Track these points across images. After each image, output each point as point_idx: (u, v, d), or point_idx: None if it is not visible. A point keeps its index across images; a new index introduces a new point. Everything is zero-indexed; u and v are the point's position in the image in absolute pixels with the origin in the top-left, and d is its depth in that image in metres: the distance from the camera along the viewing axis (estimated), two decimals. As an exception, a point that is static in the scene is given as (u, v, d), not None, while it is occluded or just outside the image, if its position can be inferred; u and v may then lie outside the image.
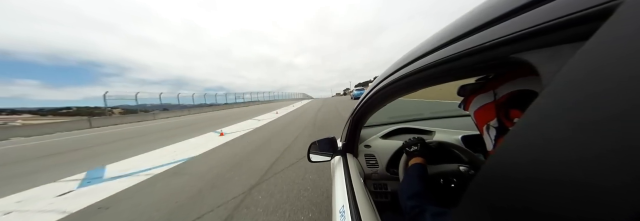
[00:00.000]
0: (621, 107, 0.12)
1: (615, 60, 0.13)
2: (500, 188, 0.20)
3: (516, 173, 0.18)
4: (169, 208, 2.10)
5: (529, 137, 0.18)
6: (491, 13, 0.25)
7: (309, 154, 1.10)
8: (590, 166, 0.13)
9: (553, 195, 0.15)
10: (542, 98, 0.17)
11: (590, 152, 0.13)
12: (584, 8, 0.17)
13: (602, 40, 0.14)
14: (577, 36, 0.18)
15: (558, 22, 0.18)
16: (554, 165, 0.15)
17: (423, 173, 0.65)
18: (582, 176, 0.13)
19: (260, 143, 4.61)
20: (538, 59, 0.21)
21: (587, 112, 0.14)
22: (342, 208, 0.68)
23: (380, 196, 0.94)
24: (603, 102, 0.13)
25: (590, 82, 0.14)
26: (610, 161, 0.12)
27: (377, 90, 0.61)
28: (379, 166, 1.03)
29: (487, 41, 0.25)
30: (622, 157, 0.12)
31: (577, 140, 0.14)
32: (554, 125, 0.16)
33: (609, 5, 0.15)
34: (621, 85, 0.12)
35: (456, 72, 0.36)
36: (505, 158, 0.20)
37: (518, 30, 0.22)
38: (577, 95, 0.15)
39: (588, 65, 0.15)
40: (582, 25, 0.17)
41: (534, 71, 0.21)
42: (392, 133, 1.30)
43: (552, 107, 0.16)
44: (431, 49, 0.37)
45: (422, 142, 0.78)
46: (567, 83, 0.16)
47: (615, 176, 0.12)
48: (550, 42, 0.20)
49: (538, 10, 0.20)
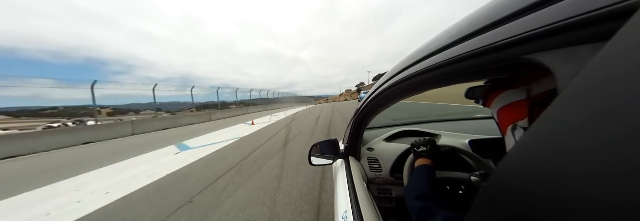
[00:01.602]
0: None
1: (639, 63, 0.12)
2: (511, 197, 0.19)
3: (528, 184, 0.17)
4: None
5: (542, 146, 0.17)
6: (502, 11, 0.24)
7: (310, 157, 1.08)
8: (608, 181, 0.12)
9: (566, 209, 0.14)
10: (559, 104, 0.16)
11: (609, 166, 0.12)
12: (603, 6, 0.16)
13: (624, 41, 0.13)
14: (596, 37, 0.17)
15: (574, 21, 0.17)
16: (567, 177, 0.14)
17: (431, 175, 0.62)
18: (597, 192, 0.12)
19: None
20: (553, 61, 0.20)
21: (609, 121, 0.13)
22: (344, 213, 0.67)
23: (385, 201, 0.92)
24: (628, 111, 0.12)
25: (613, 88, 0.13)
26: (632, 176, 0.11)
27: (381, 92, 0.60)
28: (383, 170, 1.01)
29: (497, 41, 0.24)
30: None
31: (595, 152, 0.13)
32: (571, 134, 0.15)
33: (631, 3, 0.14)
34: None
35: (464, 73, 0.35)
36: (517, 166, 0.19)
37: (531, 30, 0.21)
38: (598, 102, 0.14)
39: (610, 68, 0.14)
40: (601, 25, 0.16)
41: (548, 73, 0.20)
42: (396, 136, 1.27)
43: (569, 114, 0.15)
44: (438, 48, 0.36)
45: (433, 144, 0.75)
46: (587, 88, 0.15)
47: (637, 191, 0.11)
48: (566, 42, 0.19)
49: (553, 8, 0.19)
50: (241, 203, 2.04)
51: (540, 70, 0.21)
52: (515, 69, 0.36)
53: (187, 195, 2.32)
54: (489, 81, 0.52)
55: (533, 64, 0.22)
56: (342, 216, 0.67)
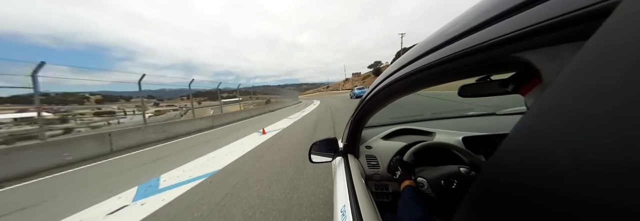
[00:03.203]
0: (625, 107, 0.12)
1: (618, 60, 0.13)
2: (500, 191, 0.19)
3: (516, 175, 0.18)
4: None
5: (530, 138, 0.17)
6: (490, 11, 0.25)
7: (310, 155, 1.10)
8: (591, 167, 0.13)
9: (550, 199, 0.15)
10: (544, 98, 0.17)
11: (591, 154, 0.13)
12: (582, 6, 0.16)
13: (603, 39, 0.14)
14: (577, 35, 0.18)
15: (556, 21, 0.18)
16: (554, 166, 0.15)
17: (416, 195, 0.65)
18: (582, 178, 0.13)
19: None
20: (539, 59, 0.21)
21: (591, 112, 0.14)
22: (343, 207, 0.68)
23: (382, 196, 0.94)
24: (607, 103, 0.13)
25: (594, 83, 0.14)
26: (611, 162, 0.12)
27: (378, 91, 0.61)
28: (380, 167, 1.03)
29: (487, 40, 0.25)
30: (623, 158, 0.11)
31: (578, 142, 0.14)
32: (556, 126, 0.15)
33: (608, 4, 0.15)
34: (625, 85, 0.12)
35: (457, 71, 0.36)
36: (506, 159, 0.19)
37: (517, 29, 0.21)
38: (580, 96, 0.14)
39: (590, 65, 0.14)
40: (581, 25, 0.17)
41: (535, 71, 0.21)
42: (393, 134, 1.30)
43: (554, 107, 0.16)
44: (431, 48, 0.37)
45: (401, 163, 0.81)
46: (570, 83, 0.15)
47: (617, 177, 0.11)
48: (550, 41, 0.20)
49: (536, 8, 0.20)
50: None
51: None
52: (506, 67, 0.37)
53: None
54: (480, 79, 0.54)
55: (521, 62, 0.23)
56: (341, 210, 0.69)
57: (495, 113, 1.51)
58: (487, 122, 1.46)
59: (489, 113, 1.54)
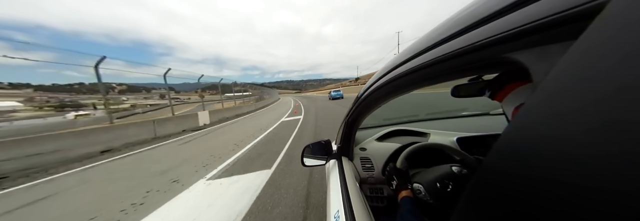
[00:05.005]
0: (616, 105, 0.12)
1: (605, 60, 0.13)
2: (493, 192, 0.19)
3: (510, 176, 0.18)
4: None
5: (521, 139, 0.17)
6: (482, 12, 0.25)
7: (303, 158, 1.07)
8: (582, 166, 0.13)
9: (546, 197, 0.15)
10: (535, 98, 0.17)
11: (582, 152, 0.13)
12: (571, 7, 0.17)
13: (591, 39, 0.14)
14: (566, 35, 0.18)
15: (546, 22, 0.18)
16: (545, 166, 0.15)
17: (414, 208, 0.65)
18: (573, 178, 0.13)
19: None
20: (529, 59, 0.21)
21: (579, 112, 0.14)
22: (336, 213, 0.67)
23: (376, 201, 0.93)
24: (597, 101, 0.13)
25: (582, 82, 0.14)
26: (600, 161, 0.12)
27: (371, 91, 0.61)
28: (375, 170, 1.02)
29: (478, 40, 0.25)
30: (617, 155, 0.11)
31: (569, 142, 0.14)
32: (547, 126, 0.15)
33: (596, 4, 0.15)
34: (612, 85, 0.12)
35: (450, 72, 0.36)
36: (499, 160, 0.19)
37: (508, 30, 0.21)
38: (569, 95, 0.14)
39: (578, 64, 0.14)
40: (570, 25, 0.17)
41: (526, 71, 0.21)
42: (387, 135, 1.29)
43: (545, 107, 0.16)
44: (423, 48, 0.37)
45: (396, 171, 0.79)
46: (559, 83, 0.15)
47: (604, 175, 0.11)
48: (540, 41, 0.20)
49: (526, 9, 0.20)
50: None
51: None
52: (497, 67, 0.37)
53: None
54: (472, 79, 0.53)
55: (512, 62, 0.23)
56: (334, 216, 0.67)
57: (489, 113, 1.52)
58: (481, 121, 1.47)
59: (483, 113, 1.56)
